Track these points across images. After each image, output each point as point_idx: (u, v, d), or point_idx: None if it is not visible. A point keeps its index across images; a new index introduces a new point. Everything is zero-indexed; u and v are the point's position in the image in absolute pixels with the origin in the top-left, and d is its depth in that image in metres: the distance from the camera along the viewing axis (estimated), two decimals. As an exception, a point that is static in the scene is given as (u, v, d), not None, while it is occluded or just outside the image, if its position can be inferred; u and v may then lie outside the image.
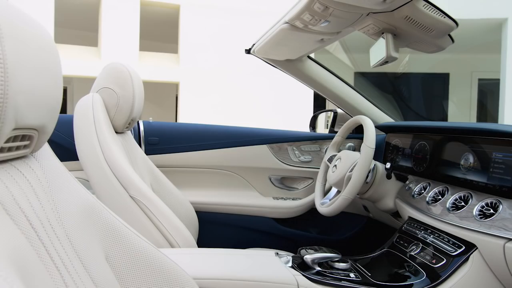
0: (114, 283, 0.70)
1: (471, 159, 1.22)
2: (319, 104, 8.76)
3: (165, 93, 10.58)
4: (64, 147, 1.64)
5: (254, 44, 1.69)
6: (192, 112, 8.25)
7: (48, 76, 0.56)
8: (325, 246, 1.26)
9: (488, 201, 1.11)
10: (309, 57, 1.80)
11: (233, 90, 8.29)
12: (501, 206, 1.06)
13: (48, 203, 0.60)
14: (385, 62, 1.13)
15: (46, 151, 0.68)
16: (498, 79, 7.29)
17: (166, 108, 10.88)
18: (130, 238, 0.75)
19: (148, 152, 1.83)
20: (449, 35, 1.16)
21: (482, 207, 1.11)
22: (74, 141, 1.35)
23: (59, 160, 0.70)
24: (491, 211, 1.07)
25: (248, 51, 1.75)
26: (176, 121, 9.22)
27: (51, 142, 1.44)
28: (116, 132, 1.45)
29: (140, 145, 1.82)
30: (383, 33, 1.14)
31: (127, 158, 1.45)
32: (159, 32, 9.69)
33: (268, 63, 1.81)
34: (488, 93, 8.86)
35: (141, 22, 8.41)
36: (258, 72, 7.66)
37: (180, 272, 0.80)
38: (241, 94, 8.28)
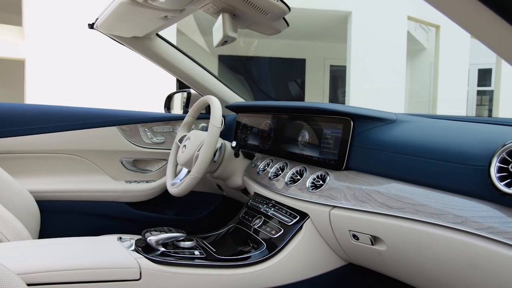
0: None
1: (307, 136, 1.33)
2: (186, 85, 8.66)
3: (11, 71, 9.35)
4: None
5: (97, 19, 1.57)
6: (43, 94, 7.45)
7: None
8: (182, 227, 1.25)
9: (319, 173, 1.22)
10: (159, 36, 1.75)
11: (88, 69, 7.67)
12: (328, 178, 1.17)
13: None
14: (225, 42, 1.15)
15: None
16: (345, 66, 8.11)
17: (14, 88, 9.64)
18: None
19: None
20: (285, 19, 1.23)
21: (314, 179, 1.22)
22: None
23: None
24: (321, 182, 1.19)
25: (91, 26, 1.62)
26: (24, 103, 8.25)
27: None
28: None
29: None
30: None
31: None
32: (-1, 1, 8.48)
33: (115, 40, 1.70)
34: (338, 78, 9.82)
35: (-26, -12, 7.24)
36: (117, 50, 7.23)
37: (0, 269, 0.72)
38: (97, 74, 7.73)
